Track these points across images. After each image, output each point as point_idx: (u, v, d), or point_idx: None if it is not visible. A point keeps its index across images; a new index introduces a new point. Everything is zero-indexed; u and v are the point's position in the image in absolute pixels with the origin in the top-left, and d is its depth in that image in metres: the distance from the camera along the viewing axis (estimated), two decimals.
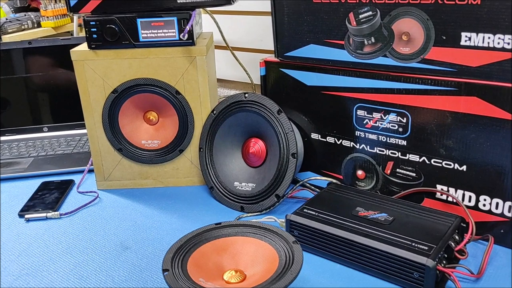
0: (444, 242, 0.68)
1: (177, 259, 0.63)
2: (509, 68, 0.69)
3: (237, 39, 1.23)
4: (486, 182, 0.75)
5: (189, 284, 0.58)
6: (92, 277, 0.74)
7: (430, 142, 0.79)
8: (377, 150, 0.85)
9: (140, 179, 1.01)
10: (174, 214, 0.91)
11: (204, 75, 0.93)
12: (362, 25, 0.80)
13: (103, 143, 0.98)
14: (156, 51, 0.92)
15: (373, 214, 0.76)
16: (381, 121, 0.83)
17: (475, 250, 0.75)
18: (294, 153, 0.86)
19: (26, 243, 0.84)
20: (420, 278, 0.65)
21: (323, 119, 0.91)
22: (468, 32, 0.70)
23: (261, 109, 0.89)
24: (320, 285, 0.70)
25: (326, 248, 0.74)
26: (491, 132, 0.72)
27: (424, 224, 0.73)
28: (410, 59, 0.77)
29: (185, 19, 0.89)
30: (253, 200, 0.90)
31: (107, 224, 0.89)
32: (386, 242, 0.69)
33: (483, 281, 0.69)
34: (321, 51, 0.87)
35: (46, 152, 1.19)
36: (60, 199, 0.97)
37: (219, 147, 0.95)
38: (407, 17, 0.75)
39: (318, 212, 0.78)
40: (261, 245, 0.66)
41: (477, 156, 0.74)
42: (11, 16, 1.77)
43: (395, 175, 0.85)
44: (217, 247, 0.67)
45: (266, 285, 0.57)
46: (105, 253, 0.80)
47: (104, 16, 0.90)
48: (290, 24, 0.89)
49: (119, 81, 0.94)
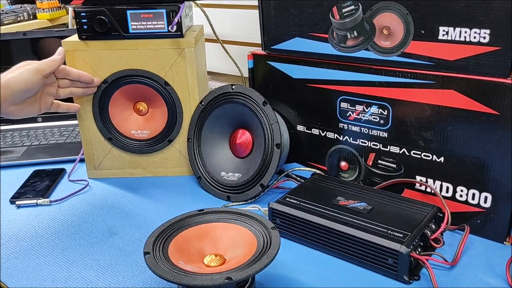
0: (419, 230, 0.70)
1: (159, 243, 0.65)
2: (485, 62, 0.71)
3: (227, 32, 1.25)
4: (463, 174, 0.77)
5: (168, 266, 0.60)
6: (78, 261, 0.76)
7: (409, 134, 0.81)
8: (360, 142, 0.87)
9: (129, 169, 1.03)
10: (162, 202, 0.93)
11: (192, 67, 0.95)
12: (345, 19, 0.82)
13: (94, 133, 1.00)
14: (145, 43, 0.93)
15: (352, 203, 0.78)
16: (363, 113, 0.85)
17: (452, 239, 0.77)
18: (279, 144, 0.88)
19: (16, 228, 0.86)
20: (394, 264, 0.68)
21: (308, 111, 0.93)
22: (445, 27, 0.72)
23: (248, 100, 0.91)
24: (300, 271, 0.72)
25: (306, 235, 0.77)
26: (467, 124, 0.74)
27: (401, 213, 0.75)
28: (391, 53, 0.79)
29: (174, 11, 0.91)
30: (239, 189, 0.92)
31: (96, 211, 0.91)
32: (363, 230, 0.71)
33: (457, 269, 0.71)
34: (306, 44, 0.88)
35: (39, 142, 1.21)
36: (51, 186, 0.99)
37: (207, 138, 0.97)
38: (388, 12, 0.77)
39: (300, 201, 0.80)
40: (241, 230, 0.68)
41: (454, 148, 0.77)
42: (7, 8, 1.79)
43: (377, 166, 0.87)
44: (199, 233, 0.69)
45: (243, 267, 0.59)
46: (92, 238, 0.82)
47: (95, 8, 0.91)
48: (276, 18, 0.91)
49: (109, 72, 0.96)
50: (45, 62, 0.85)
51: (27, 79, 0.81)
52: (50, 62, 0.86)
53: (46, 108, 0.90)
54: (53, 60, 0.87)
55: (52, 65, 0.86)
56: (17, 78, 0.81)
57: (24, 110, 0.85)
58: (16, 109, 0.83)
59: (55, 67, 0.87)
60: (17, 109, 0.83)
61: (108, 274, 0.73)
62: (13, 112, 0.83)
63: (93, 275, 0.73)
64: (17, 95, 0.81)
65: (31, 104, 0.86)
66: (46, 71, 0.84)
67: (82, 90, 0.94)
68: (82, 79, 0.93)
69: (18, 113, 0.84)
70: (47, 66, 0.85)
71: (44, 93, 0.88)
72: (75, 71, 0.92)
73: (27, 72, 0.82)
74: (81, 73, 0.92)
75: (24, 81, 0.81)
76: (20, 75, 0.81)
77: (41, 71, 0.83)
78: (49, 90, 0.89)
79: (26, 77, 0.81)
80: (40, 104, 0.88)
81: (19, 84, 0.80)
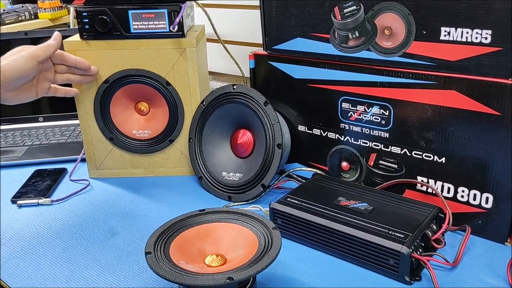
0: (420, 231, 0.70)
1: (160, 242, 0.65)
2: (486, 62, 0.71)
3: (229, 32, 1.25)
4: (464, 174, 0.77)
5: (170, 266, 0.60)
6: (79, 261, 0.76)
7: (411, 134, 0.81)
8: (361, 142, 0.87)
9: (131, 168, 1.03)
10: (163, 202, 0.93)
11: (194, 67, 0.95)
12: (346, 19, 0.82)
13: (95, 132, 1.00)
14: (147, 43, 0.93)
15: (354, 204, 0.78)
16: (364, 113, 0.85)
17: (454, 240, 0.77)
18: (280, 144, 0.89)
19: (17, 228, 0.86)
20: (395, 265, 0.68)
21: (310, 111, 0.93)
22: (447, 27, 0.72)
23: (249, 100, 0.91)
24: (301, 271, 0.72)
25: (307, 235, 0.77)
26: (469, 125, 0.74)
27: (402, 214, 0.75)
28: (392, 53, 0.79)
29: (176, 11, 0.91)
30: (240, 189, 0.92)
31: (97, 211, 0.91)
32: (364, 230, 0.71)
33: (458, 269, 0.71)
34: (307, 44, 0.88)
35: (41, 141, 1.21)
36: (52, 186, 0.99)
37: (208, 138, 0.97)
38: (389, 12, 0.77)
39: (301, 201, 0.80)
40: (242, 230, 0.68)
41: (456, 148, 0.76)
42: (8, 7, 1.79)
43: (378, 166, 0.87)
44: (200, 233, 0.69)
45: (244, 267, 0.59)
46: (93, 238, 0.82)
47: (96, 7, 0.92)
48: (278, 18, 0.91)
49: (111, 72, 0.96)
50: (40, 48, 0.84)
51: (21, 66, 0.81)
52: (45, 48, 0.85)
53: (43, 93, 0.89)
54: (48, 46, 0.85)
55: (47, 50, 0.85)
56: (11, 65, 0.80)
57: (20, 96, 0.84)
58: (12, 95, 0.83)
59: (50, 52, 0.86)
60: (13, 95, 0.83)
61: (109, 274, 0.73)
62: (9, 98, 0.82)
63: (94, 275, 0.73)
64: (12, 82, 0.80)
65: (28, 89, 0.85)
66: (41, 57, 0.84)
67: (79, 77, 0.93)
68: (79, 66, 0.92)
69: (14, 99, 0.83)
70: (42, 52, 0.84)
71: (41, 79, 0.88)
72: (72, 57, 0.91)
73: (21, 58, 0.81)
74: (78, 60, 0.91)
75: (18, 68, 0.81)
76: (14, 61, 0.80)
77: (35, 57, 0.83)
78: (46, 76, 0.89)
79: (20, 63, 0.81)
80: (37, 89, 0.87)
81: (13, 71, 0.80)
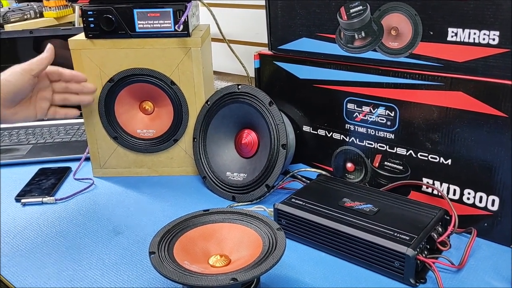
0: (426, 233, 0.70)
1: (164, 242, 0.65)
2: (493, 64, 0.70)
3: (234, 32, 1.24)
4: (470, 176, 0.76)
5: (174, 266, 0.60)
6: (83, 260, 0.76)
7: (417, 136, 0.80)
8: (366, 143, 0.87)
9: (135, 168, 1.03)
10: (167, 202, 0.93)
11: (198, 66, 0.95)
12: (353, 19, 0.81)
13: (99, 131, 1.00)
14: (152, 42, 0.93)
15: (358, 205, 0.78)
16: (370, 114, 0.85)
17: (459, 242, 0.76)
18: (284, 144, 0.88)
19: (21, 226, 0.86)
20: (400, 267, 0.67)
21: (315, 112, 0.93)
22: (454, 28, 0.72)
23: (254, 100, 0.91)
24: (305, 272, 0.72)
25: (311, 236, 0.76)
26: (475, 127, 0.74)
27: (407, 216, 0.74)
28: (399, 54, 0.79)
29: (181, 10, 0.91)
30: (244, 190, 0.92)
31: (101, 210, 0.91)
32: (369, 232, 0.70)
33: (464, 272, 0.71)
34: (313, 44, 0.88)
35: (45, 140, 1.21)
36: (56, 185, 0.99)
37: (212, 138, 0.97)
38: (396, 12, 0.77)
39: (305, 202, 0.79)
40: (246, 231, 0.68)
41: (462, 150, 0.76)
42: (14, 6, 1.79)
43: (383, 168, 0.86)
44: (204, 233, 0.69)
45: (248, 268, 0.59)
46: (97, 237, 0.82)
47: (101, 6, 0.91)
48: (283, 18, 0.90)
49: (116, 70, 0.95)
50: (33, 62, 0.84)
51: (17, 80, 0.81)
52: (38, 61, 0.84)
53: (43, 114, 0.89)
54: (42, 58, 0.85)
55: (40, 63, 0.84)
56: (6, 80, 0.80)
57: (18, 114, 0.84)
58: (10, 113, 0.83)
59: (44, 65, 0.85)
60: (11, 113, 0.83)
61: (113, 273, 0.73)
62: (7, 116, 0.82)
63: (98, 274, 0.72)
64: (8, 97, 0.80)
65: (26, 107, 0.85)
66: (34, 70, 0.83)
67: (77, 97, 0.93)
68: (75, 79, 0.91)
69: (12, 117, 0.83)
70: (36, 65, 0.84)
71: (39, 98, 0.88)
72: (67, 71, 0.91)
73: (15, 74, 0.81)
74: (74, 73, 0.91)
75: (13, 83, 0.81)
76: (9, 77, 0.81)
77: (29, 71, 0.83)
78: (43, 94, 0.88)
79: (15, 78, 0.81)
80: (36, 108, 0.87)
81: (9, 86, 0.80)
